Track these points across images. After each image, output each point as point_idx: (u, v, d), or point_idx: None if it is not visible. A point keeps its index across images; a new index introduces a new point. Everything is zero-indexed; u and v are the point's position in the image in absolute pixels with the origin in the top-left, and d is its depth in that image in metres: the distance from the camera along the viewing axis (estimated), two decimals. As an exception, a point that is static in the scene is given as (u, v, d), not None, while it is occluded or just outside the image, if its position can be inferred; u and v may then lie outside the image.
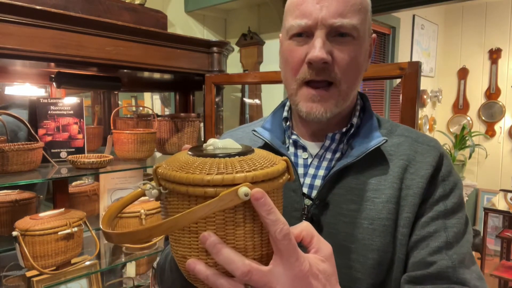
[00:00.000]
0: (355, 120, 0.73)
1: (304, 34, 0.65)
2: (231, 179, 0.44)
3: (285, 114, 0.78)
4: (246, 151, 0.50)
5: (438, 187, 0.68)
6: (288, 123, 0.77)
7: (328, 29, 0.63)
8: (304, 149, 0.74)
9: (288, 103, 0.80)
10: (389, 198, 0.66)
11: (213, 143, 0.53)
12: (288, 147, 0.76)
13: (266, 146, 0.73)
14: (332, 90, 0.66)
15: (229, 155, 0.48)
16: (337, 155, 0.72)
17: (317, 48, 0.63)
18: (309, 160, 0.73)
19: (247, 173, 0.45)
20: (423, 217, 0.66)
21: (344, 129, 0.72)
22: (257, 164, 0.47)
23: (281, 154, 0.70)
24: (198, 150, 0.51)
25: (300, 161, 0.74)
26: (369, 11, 0.69)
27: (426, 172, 0.67)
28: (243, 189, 0.43)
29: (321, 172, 0.71)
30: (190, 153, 0.51)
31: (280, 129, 0.77)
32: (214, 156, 0.48)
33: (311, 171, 0.72)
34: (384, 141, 0.67)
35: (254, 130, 0.76)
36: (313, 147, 0.74)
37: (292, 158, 0.73)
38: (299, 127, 0.76)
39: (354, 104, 0.75)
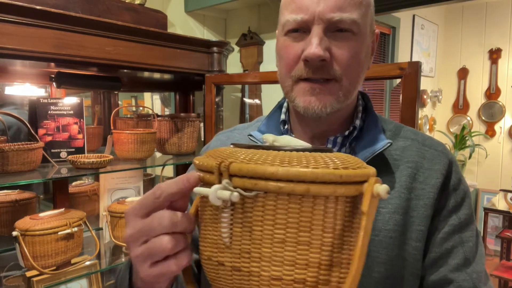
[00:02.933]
0: (357, 123, 0.69)
1: (301, 30, 0.61)
2: (366, 174, 0.36)
3: (282, 116, 0.74)
4: (323, 148, 0.41)
5: (450, 197, 0.65)
6: (286, 126, 0.73)
7: (326, 24, 0.59)
8: None
9: (285, 105, 0.75)
10: (396, 209, 0.62)
11: (275, 139, 0.44)
12: None
13: None
14: (332, 84, 0.61)
15: (318, 150, 0.38)
16: None
17: (313, 45, 0.58)
18: None
19: (368, 169, 0.37)
20: (439, 232, 0.64)
21: (346, 132, 0.68)
22: (349, 162, 0.37)
23: None
24: (262, 145, 0.41)
25: None
26: (371, 6, 0.64)
27: (437, 181, 0.64)
28: (383, 187, 0.35)
29: None
30: (260, 148, 0.39)
31: (278, 132, 0.72)
32: (296, 150, 0.38)
33: None
34: (389, 144, 0.64)
35: (250, 135, 0.71)
36: None
37: None
38: (299, 130, 0.71)
39: (356, 104, 0.71)
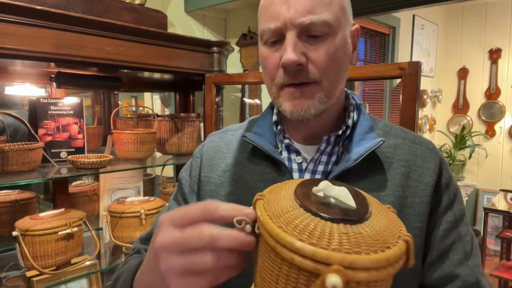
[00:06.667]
0: (350, 122, 0.70)
1: (277, 39, 0.62)
2: (325, 257, 0.35)
3: (275, 117, 0.75)
4: (357, 218, 0.40)
5: (444, 194, 0.67)
6: (279, 127, 0.74)
7: (298, 29, 0.60)
8: (298, 153, 0.71)
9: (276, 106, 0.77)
10: (392, 207, 0.64)
11: (325, 188, 0.45)
12: (281, 151, 0.73)
13: (258, 152, 0.71)
14: (312, 86, 0.63)
15: (332, 220, 0.39)
16: (333, 158, 0.69)
17: (288, 51, 0.60)
18: (304, 165, 0.70)
19: (345, 254, 0.35)
20: (437, 229, 0.66)
21: (340, 132, 0.69)
22: (364, 242, 0.37)
23: (274, 160, 0.69)
24: (305, 195, 0.44)
25: (295, 166, 0.71)
26: (345, 2, 0.65)
27: (431, 179, 0.66)
28: (332, 280, 0.34)
29: (318, 177, 0.69)
30: (296, 198, 0.43)
31: (271, 133, 0.74)
32: (315, 214, 0.40)
33: (307, 176, 0.69)
34: (382, 142, 0.65)
35: (244, 136, 0.72)
36: (307, 151, 0.71)
37: (286, 163, 0.70)
38: (291, 131, 0.73)
39: (345, 104, 0.72)
